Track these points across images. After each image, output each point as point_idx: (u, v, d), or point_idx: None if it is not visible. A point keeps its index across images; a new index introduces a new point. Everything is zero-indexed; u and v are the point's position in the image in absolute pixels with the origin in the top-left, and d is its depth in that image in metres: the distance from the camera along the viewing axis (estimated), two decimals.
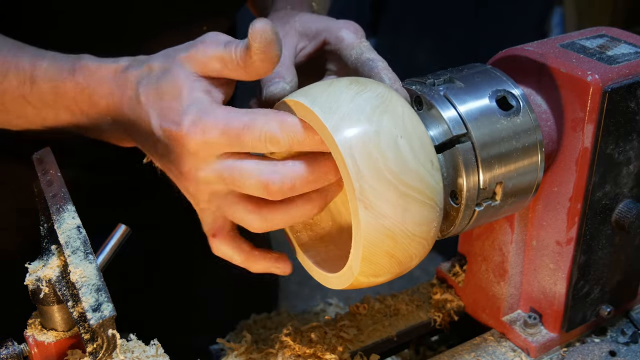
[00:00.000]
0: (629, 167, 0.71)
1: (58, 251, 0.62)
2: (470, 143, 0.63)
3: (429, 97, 0.64)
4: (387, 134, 0.56)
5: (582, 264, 0.73)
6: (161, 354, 0.65)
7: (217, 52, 0.60)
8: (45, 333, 0.64)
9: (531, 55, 0.71)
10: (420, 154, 0.57)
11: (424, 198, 0.57)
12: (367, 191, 0.55)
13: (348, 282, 0.61)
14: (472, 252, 0.82)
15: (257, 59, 0.58)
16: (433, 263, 1.12)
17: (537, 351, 0.77)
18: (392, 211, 0.56)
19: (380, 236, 0.56)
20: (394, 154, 0.56)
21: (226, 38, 0.61)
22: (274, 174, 0.58)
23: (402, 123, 0.57)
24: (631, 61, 0.69)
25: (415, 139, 0.57)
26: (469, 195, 0.63)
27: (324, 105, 0.57)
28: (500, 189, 0.65)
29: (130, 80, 0.63)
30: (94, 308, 0.55)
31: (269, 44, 0.57)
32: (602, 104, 0.66)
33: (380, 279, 0.60)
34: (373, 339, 0.80)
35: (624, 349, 0.78)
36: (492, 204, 0.65)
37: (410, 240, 0.58)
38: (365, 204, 0.55)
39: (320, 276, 0.66)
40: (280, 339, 0.78)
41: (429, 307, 0.86)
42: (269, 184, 0.58)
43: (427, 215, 0.58)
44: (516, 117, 0.65)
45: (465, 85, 0.65)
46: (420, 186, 0.56)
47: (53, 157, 0.69)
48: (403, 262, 0.59)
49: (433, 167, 0.58)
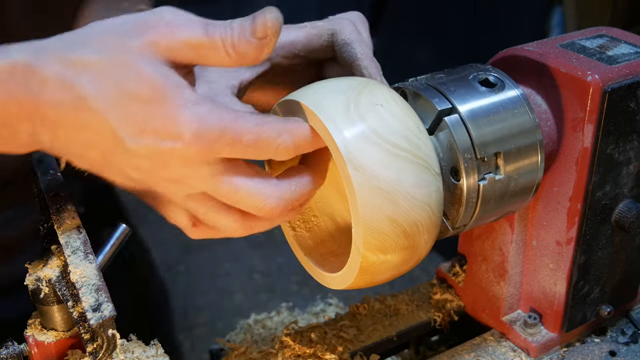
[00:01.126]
0: (629, 167, 0.71)
1: (58, 251, 0.62)
2: (457, 115, 0.63)
3: (412, 87, 0.65)
4: (366, 102, 0.57)
5: (582, 264, 0.73)
6: (161, 354, 0.64)
7: (193, 37, 0.51)
8: (45, 333, 0.64)
9: (531, 55, 0.71)
10: (404, 119, 0.57)
11: (415, 158, 0.57)
12: (354, 153, 0.55)
13: (357, 267, 0.58)
14: (472, 252, 0.82)
15: (263, 47, 0.52)
16: (433, 263, 1.12)
17: (537, 351, 0.77)
18: (384, 171, 0.55)
19: (376, 198, 0.55)
20: (376, 118, 0.56)
21: (197, 18, 0.53)
22: (271, 197, 0.54)
23: (381, 94, 0.58)
24: (631, 61, 0.69)
25: (396, 108, 0.58)
26: (468, 167, 0.62)
27: (308, 95, 0.58)
28: (501, 160, 0.64)
29: (50, 78, 0.49)
30: (94, 308, 0.55)
31: (277, 33, 0.52)
32: (602, 104, 0.66)
33: (389, 256, 0.58)
34: (373, 339, 0.80)
35: (624, 349, 0.78)
36: (495, 177, 0.64)
37: (410, 204, 0.56)
38: (355, 165, 0.55)
39: (323, 277, 0.66)
40: (280, 339, 0.78)
41: (429, 307, 0.86)
42: (266, 207, 0.54)
43: (423, 177, 0.57)
44: (501, 92, 0.66)
45: (446, 75, 0.67)
46: (408, 146, 0.56)
47: (53, 157, 0.69)
48: (408, 230, 0.57)
49: (420, 130, 0.58)
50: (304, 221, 0.70)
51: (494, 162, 0.64)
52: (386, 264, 0.59)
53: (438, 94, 0.64)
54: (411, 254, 0.59)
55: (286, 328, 0.79)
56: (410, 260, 0.60)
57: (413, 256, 0.59)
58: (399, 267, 0.60)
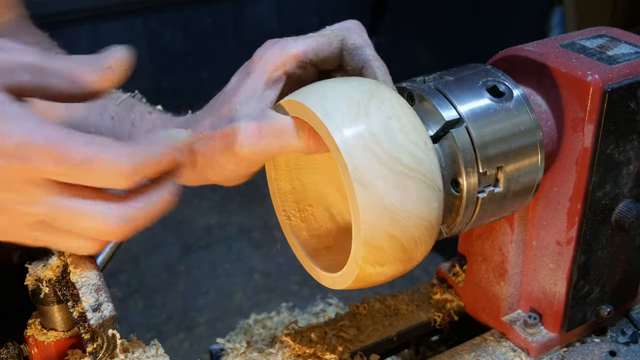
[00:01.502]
0: (629, 167, 0.71)
1: (58, 251, 0.62)
2: (464, 128, 0.63)
3: (420, 91, 0.65)
4: (376, 116, 0.57)
5: (582, 264, 0.73)
6: (161, 354, 0.64)
7: (32, 60, 0.50)
8: (45, 333, 0.64)
9: (531, 55, 0.71)
10: (412, 134, 0.57)
11: (419, 175, 0.57)
12: (360, 170, 0.55)
13: (352, 276, 0.60)
14: (472, 252, 0.82)
15: (106, 77, 0.51)
16: (433, 263, 1.13)
17: (537, 351, 0.77)
18: (388, 189, 0.56)
19: (378, 215, 0.56)
20: (385, 133, 0.56)
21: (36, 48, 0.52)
22: (114, 218, 0.50)
23: (390, 105, 0.58)
24: (631, 61, 0.69)
25: (405, 120, 0.58)
26: (470, 181, 0.63)
27: (313, 98, 0.58)
28: (502, 174, 0.64)
29: None
30: (94, 308, 0.55)
31: (122, 65, 0.51)
32: (602, 104, 0.66)
33: (385, 268, 0.59)
34: (373, 339, 0.80)
35: (624, 349, 0.78)
36: (494, 190, 0.64)
37: (410, 221, 0.57)
38: (360, 182, 0.55)
39: (325, 277, 0.66)
40: (280, 339, 0.78)
41: (429, 307, 0.86)
42: (107, 229, 0.50)
43: (426, 194, 0.57)
44: (508, 102, 0.65)
45: (455, 78, 0.66)
46: (414, 164, 0.57)
47: None
48: (406, 246, 0.58)
49: (426, 146, 0.58)
50: (299, 210, 0.71)
51: (494, 176, 0.65)
52: (382, 275, 0.60)
53: (445, 101, 0.64)
54: (406, 265, 0.60)
55: (286, 328, 0.79)
56: (405, 270, 0.61)
57: (408, 266, 0.61)
58: (394, 275, 0.61)
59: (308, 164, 0.72)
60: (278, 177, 0.71)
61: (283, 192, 0.71)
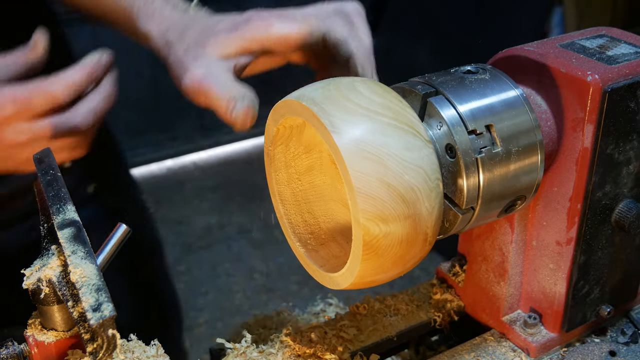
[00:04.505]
0: (629, 167, 0.71)
1: (58, 251, 0.62)
2: (441, 95, 0.64)
3: (401, 86, 0.66)
4: (344, 80, 0.60)
5: (582, 264, 0.73)
6: (161, 354, 0.65)
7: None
8: (45, 333, 0.64)
9: (531, 55, 0.71)
10: (383, 93, 0.59)
11: (400, 124, 0.57)
12: (336, 122, 0.56)
13: (359, 247, 0.57)
14: (472, 252, 0.82)
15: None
16: (433, 263, 1.13)
17: (537, 351, 0.77)
18: (369, 135, 0.56)
19: (365, 162, 0.55)
20: (354, 92, 0.59)
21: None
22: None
23: (361, 80, 0.61)
24: (631, 61, 0.69)
25: (374, 85, 0.60)
26: (461, 140, 0.62)
27: (304, 92, 0.61)
28: (495, 132, 0.64)
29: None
30: (94, 308, 0.55)
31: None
32: (602, 104, 0.66)
33: (391, 225, 0.56)
34: (373, 339, 0.80)
35: (624, 349, 0.78)
36: (492, 149, 0.63)
37: (402, 167, 0.56)
38: (339, 133, 0.56)
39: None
40: (280, 339, 0.78)
41: (429, 307, 0.86)
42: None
43: (411, 140, 0.57)
44: (484, 74, 0.66)
45: (435, 73, 0.68)
46: (391, 114, 0.58)
47: (53, 157, 0.69)
48: (406, 196, 0.56)
49: (403, 103, 0.59)
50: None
51: (488, 136, 0.64)
52: (390, 237, 0.57)
53: (422, 84, 0.66)
54: (415, 225, 0.58)
55: (286, 328, 0.79)
56: (415, 234, 0.58)
57: (417, 228, 0.58)
58: (405, 243, 0.58)
59: (317, 197, 0.71)
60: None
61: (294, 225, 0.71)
